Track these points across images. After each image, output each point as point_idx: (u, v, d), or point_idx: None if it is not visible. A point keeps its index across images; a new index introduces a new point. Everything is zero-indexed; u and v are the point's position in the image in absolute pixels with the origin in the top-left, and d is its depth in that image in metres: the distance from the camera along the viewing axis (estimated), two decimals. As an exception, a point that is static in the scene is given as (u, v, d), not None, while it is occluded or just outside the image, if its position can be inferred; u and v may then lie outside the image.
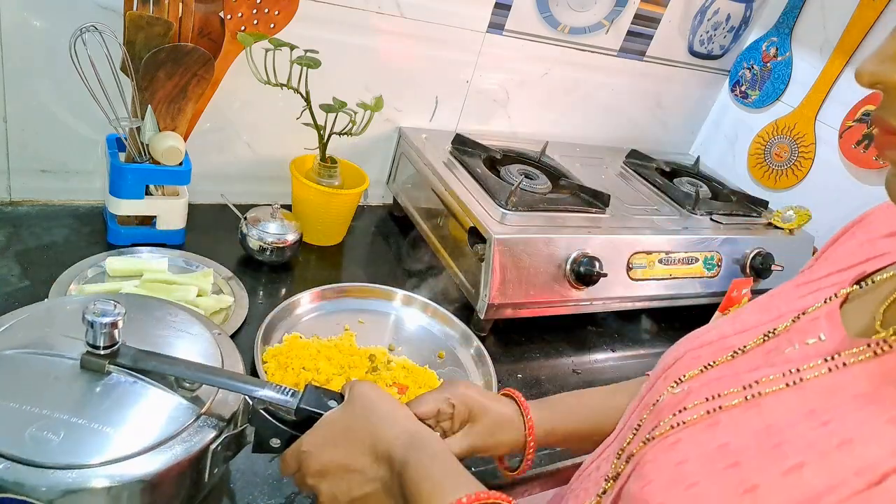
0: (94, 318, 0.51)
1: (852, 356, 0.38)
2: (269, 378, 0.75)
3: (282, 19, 0.92)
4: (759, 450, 0.37)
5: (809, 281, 0.50)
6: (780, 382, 0.40)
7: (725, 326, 0.50)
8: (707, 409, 0.42)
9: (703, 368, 0.47)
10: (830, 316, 0.43)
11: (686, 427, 0.42)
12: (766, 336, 0.46)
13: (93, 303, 0.52)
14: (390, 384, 0.78)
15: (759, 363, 0.44)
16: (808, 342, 0.42)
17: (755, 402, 0.41)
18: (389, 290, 0.97)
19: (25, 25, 0.84)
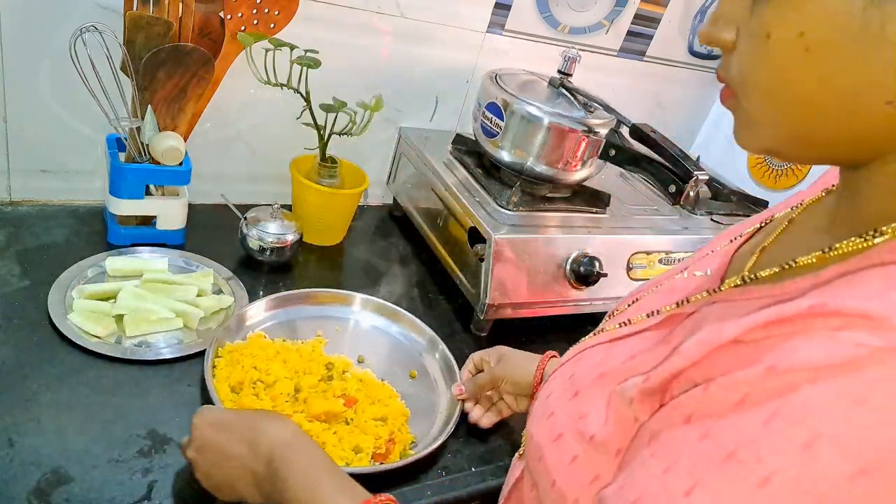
0: None
1: (694, 298, 0.45)
2: (215, 374, 0.75)
3: (282, 19, 0.92)
4: (590, 379, 0.46)
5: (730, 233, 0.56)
6: (643, 316, 0.49)
7: (660, 277, 0.58)
8: (583, 346, 0.53)
9: (629, 304, 0.55)
10: (724, 254, 0.49)
11: (562, 366, 0.52)
12: (684, 269, 0.53)
13: None
14: (338, 395, 0.76)
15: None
16: (696, 274, 0.50)
17: (616, 333, 0.50)
18: (356, 296, 0.94)
19: (25, 25, 0.84)
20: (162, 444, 0.67)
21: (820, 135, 0.35)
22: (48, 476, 0.61)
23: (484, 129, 1.05)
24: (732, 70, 0.37)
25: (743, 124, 0.39)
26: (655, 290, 0.53)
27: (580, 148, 1.00)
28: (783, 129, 0.36)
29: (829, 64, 0.32)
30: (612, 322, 0.53)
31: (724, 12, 0.37)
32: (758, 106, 0.36)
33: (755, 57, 0.35)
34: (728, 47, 0.37)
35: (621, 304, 0.58)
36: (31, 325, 0.76)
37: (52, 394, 0.69)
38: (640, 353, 0.44)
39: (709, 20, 0.38)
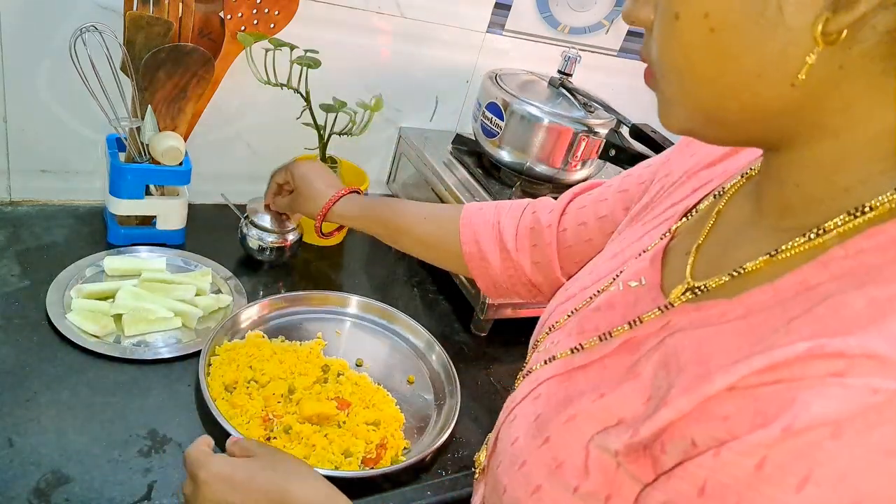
0: None
1: (647, 316, 0.42)
2: (210, 373, 0.75)
3: (282, 19, 0.92)
4: (559, 422, 0.42)
5: (651, 218, 0.54)
6: (596, 341, 0.45)
7: (585, 277, 0.55)
8: (537, 379, 0.48)
9: (568, 315, 0.52)
10: (654, 258, 0.47)
11: (519, 402, 0.48)
12: (613, 279, 0.50)
13: None
14: (332, 398, 0.76)
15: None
16: (631, 284, 0.47)
17: (571, 361, 0.46)
18: (354, 299, 0.94)
19: (25, 25, 0.84)
20: (161, 444, 0.67)
21: (730, 115, 0.35)
22: (48, 476, 0.61)
23: (484, 129, 1.05)
24: (652, 50, 0.37)
25: (661, 104, 0.39)
26: (589, 304, 0.50)
27: (580, 148, 1.00)
28: (695, 108, 0.36)
29: (732, 44, 0.32)
30: (556, 345, 0.50)
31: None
32: (671, 86, 0.37)
33: (667, 37, 0.35)
34: (647, 25, 0.37)
35: (550, 320, 0.55)
36: (31, 325, 0.76)
37: (52, 394, 0.69)
38: (607, 389, 0.40)
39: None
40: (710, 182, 0.50)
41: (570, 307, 0.53)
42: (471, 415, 0.83)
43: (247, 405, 0.72)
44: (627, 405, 0.38)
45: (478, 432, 0.81)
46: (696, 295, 0.40)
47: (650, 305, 0.43)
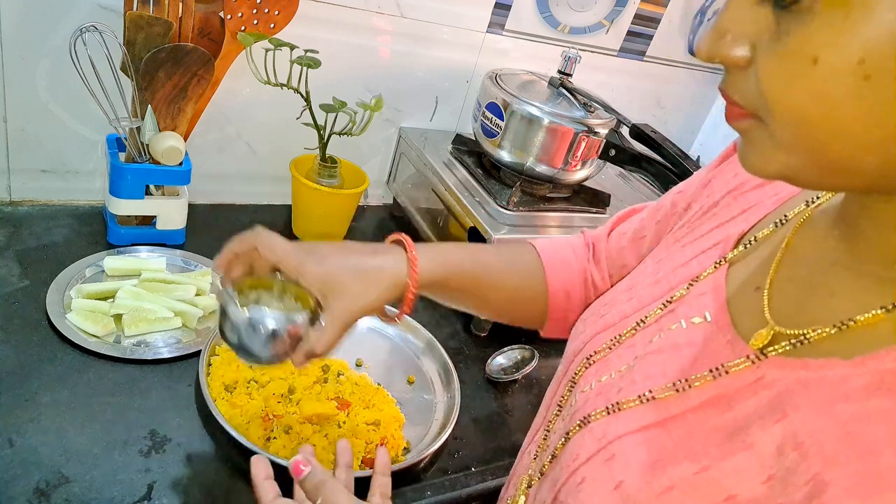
0: None
1: (734, 365, 0.38)
2: (210, 373, 0.75)
3: (282, 19, 0.92)
4: (651, 494, 0.37)
5: (694, 239, 0.50)
6: (670, 390, 0.40)
7: (624, 304, 0.51)
8: (605, 434, 0.42)
9: (609, 346, 0.48)
10: (717, 290, 0.43)
11: (586, 462, 0.42)
12: (663, 307, 0.46)
13: None
14: (332, 398, 0.76)
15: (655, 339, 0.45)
16: (694, 321, 0.43)
17: (644, 414, 0.41)
18: None
19: (25, 25, 0.84)
20: (162, 444, 0.67)
21: (856, 165, 0.31)
22: (48, 476, 0.61)
23: (484, 129, 1.05)
24: (750, 90, 0.32)
25: (758, 148, 0.34)
26: (651, 346, 0.45)
27: (580, 148, 1.00)
28: (814, 157, 0.32)
29: (890, 94, 0.28)
30: (614, 389, 0.44)
31: (731, 26, 0.32)
32: (789, 133, 0.32)
33: (793, 80, 0.30)
34: (740, 65, 0.32)
35: (587, 349, 0.50)
36: (31, 324, 0.76)
37: (52, 394, 0.69)
38: (708, 458, 0.35)
39: (712, 34, 0.33)
40: (761, 205, 0.47)
41: (609, 336, 0.49)
42: (471, 415, 0.83)
43: (247, 405, 0.72)
44: (741, 482, 0.34)
45: (478, 432, 0.81)
46: (795, 347, 0.36)
47: (730, 352, 0.39)
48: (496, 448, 0.80)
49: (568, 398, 0.50)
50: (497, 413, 0.86)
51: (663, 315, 0.46)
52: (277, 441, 0.70)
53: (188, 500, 0.63)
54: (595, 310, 0.55)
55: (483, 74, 1.09)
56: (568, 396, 0.50)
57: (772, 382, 0.36)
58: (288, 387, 0.76)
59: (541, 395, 0.90)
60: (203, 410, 0.72)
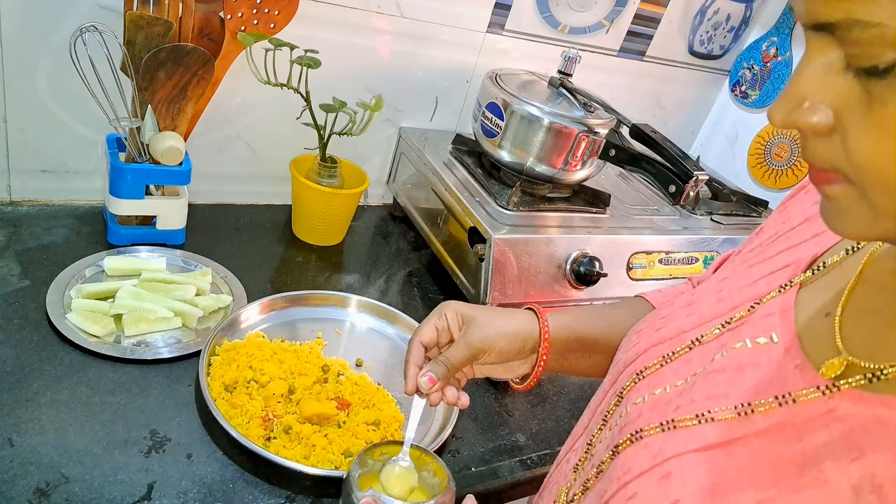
0: None
1: (802, 395, 0.36)
2: (210, 373, 0.75)
3: (282, 19, 0.92)
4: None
5: (762, 260, 0.49)
6: (731, 412, 0.39)
7: (683, 319, 0.50)
8: (660, 453, 0.41)
9: (661, 362, 0.47)
10: (785, 312, 0.42)
11: (638, 476, 0.41)
12: (722, 326, 0.45)
13: None
14: (332, 398, 0.76)
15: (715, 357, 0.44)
16: (759, 341, 0.42)
17: (703, 434, 0.40)
18: (354, 298, 0.93)
19: (25, 25, 0.84)
20: (161, 444, 0.67)
21: None
22: (48, 476, 0.61)
23: (484, 129, 1.05)
24: (839, 157, 0.31)
25: (857, 215, 0.32)
26: (713, 364, 0.44)
27: (580, 148, 1.00)
28: None
29: None
30: (670, 405, 0.43)
31: (808, 91, 0.31)
32: (887, 199, 0.30)
33: (893, 150, 0.29)
34: (822, 133, 0.31)
35: (640, 362, 0.49)
36: (31, 325, 0.76)
37: (52, 394, 0.69)
38: (775, 488, 0.34)
39: (787, 100, 0.31)
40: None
41: (664, 351, 0.47)
42: (471, 415, 0.83)
43: (247, 405, 0.72)
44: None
45: (478, 432, 0.81)
46: (870, 382, 0.34)
47: (799, 378, 0.38)
48: (496, 448, 0.80)
49: (615, 410, 0.49)
50: (497, 413, 0.86)
51: (724, 333, 0.45)
52: (277, 441, 0.70)
53: (188, 500, 0.63)
54: (651, 322, 0.53)
55: (483, 74, 1.09)
56: (615, 409, 0.49)
57: (845, 416, 0.34)
58: (288, 387, 0.76)
59: (541, 395, 0.91)
60: (203, 410, 0.72)
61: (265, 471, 0.67)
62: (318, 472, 0.66)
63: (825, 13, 0.29)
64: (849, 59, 0.29)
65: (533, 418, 0.86)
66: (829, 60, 0.30)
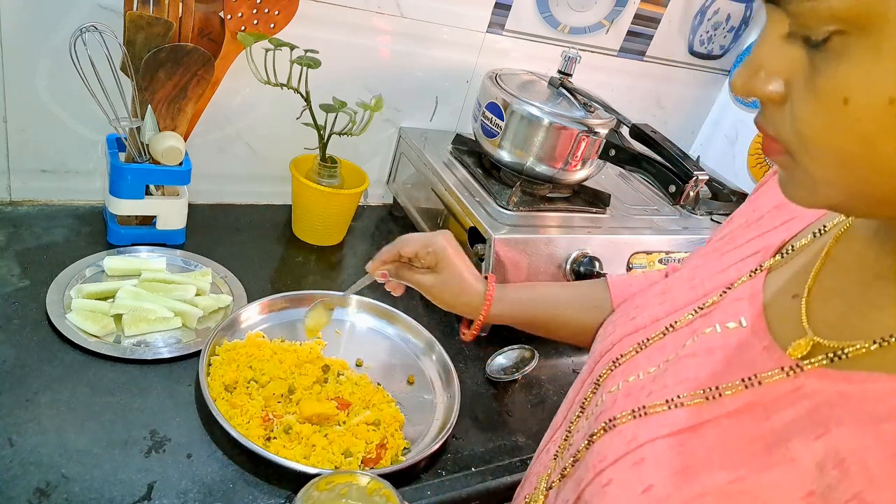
0: None
1: (767, 377, 0.37)
2: (210, 373, 0.75)
3: (282, 19, 0.92)
4: (680, 501, 0.36)
5: (733, 248, 0.50)
6: (700, 397, 0.40)
7: (656, 307, 0.51)
8: (633, 439, 0.41)
9: (636, 349, 0.48)
10: (753, 297, 0.43)
11: (613, 464, 0.42)
12: (694, 312, 0.46)
13: None
14: (332, 398, 0.76)
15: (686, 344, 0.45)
16: (729, 326, 0.43)
17: (674, 419, 0.40)
18: (354, 298, 0.93)
19: (25, 25, 0.84)
20: (161, 444, 0.67)
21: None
22: (48, 476, 0.61)
23: (484, 129, 1.05)
24: (785, 127, 0.33)
25: (799, 182, 0.35)
26: (684, 350, 0.45)
27: (580, 148, 1.00)
28: (853, 190, 0.32)
29: None
30: (642, 392, 0.44)
31: (765, 61, 0.33)
32: (826, 169, 0.32)
33: (826, 119, 0.31)
34: (775, 101, 0.33)
35: (615, 351, 0.50)
36: (31, 325, 0.76)
37: (52, 394, 0.69)
38: (744, 467, 0.35)
39: (746, 68, 0.33)
40: (802, 216, 0.47)
41: (639, 338, 0.49)
42: (471, 415, 0.83)
43: (247, 405, 0.72)
44: (779, 495, 0.33)
45: (478, 432, 0.81)
46: (832, 361, 0.35)
47: (767, 359, 0.39)
48: (496, 448, 0.80)
49: (591, 399, 0.50)
50: (497, 413, 0.86)
51: (696, 319, 0.46)
52: (277, 441, 0.70)
53: (188, 500, 0.63)
54: (625, 311, 0.55)
55: (483, 74, 1.09)
56: (591, 397, 0.50)
57: (811, 393, 0.35)
58: (288, 387, 0.76)
59: (541, 396, 0.91)
60: (203, 410, 0.72)
61: (265, 471, 0.67)
62: (318, 472, 0.66)
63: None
64: (792, 29, 0.31)
65: (533, 418, 0.86)
66: (781, 32, 0.32)
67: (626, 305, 0.56)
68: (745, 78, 0.33)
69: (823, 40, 0.30)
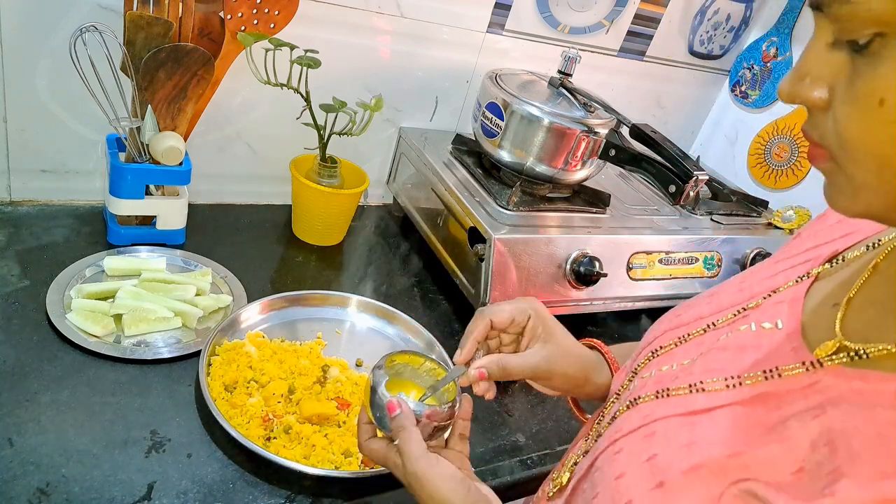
0: None
1: (788, 369, 0.38)
2: (210, 373, 0.75)
3: (282, 19, 0.92)
4: (680, 469, 0.38)
5: (788, 257, 0.51)
6: (721, 384, 0.41)
7: (703, 306, 0.52)
8: (651, 414, 0.43)
9: (675, 343, 0.49)
10: (794, 301, 0.44)
11: (627, 435, 0.43)
12: (736, 313, 0.47)
13: None
14: (332, 398, 0.76)
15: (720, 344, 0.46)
16: (765, 326, 0.44)
17: (692, 401, 0.42)
18: (354, 298, 0.93)
19: (25, 25, 0.84)
20: (161, 444, 0.67)
21: None
22: (48, 476, 0.61)
23: (484, 129, 1.05)
24: (829, 132, 0.33)
25: (841, 189, 0.35)
26: (717, 343, 0.46)
27: (580, 148, 1.00)
28: (894, 196, 0.33)
29: None
30: (670, 377, 0.45)
31: (810, 68, 0.34)
32: (868, 174, 0.33)
33: (863, 122, 0.31)
34: (819, 107, 0.34)
35: (656, 343, 0.51)
36: (31, 325, 0.76)
37: (52, 394, 0.69)
38: (744, 445, 0.37)
39: (793, 76, 0.34)
40: (860, 230, 0.48)
41: (680, 333, 0.50)
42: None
43: (247, 405, 0.72)
44: (770, 468, 0.35)
45: (477, 432, 0.81)
46: (852, 360, 0.36)
47: (790, 357, 0.39)
48: (496, 448, 0.80)
49: (627, 386, 0.51)
50: (497, 413, 0.86)
51: (737, 318, 0.47)
52: (277, 441, 0.70)
53: (188, 500, 0.63)
54: (675, 311, 0.55)
55: (483, 74, 1.09)
56: (628, 385, 0.51)
57: (825, 388, 0.36)
58: (288, 387, 0.76)
59: (541, 395, 0.90)
60: (203, 410, 0.72)
61: (265, 471, 0.67)
62: (318, 472, 0.66)
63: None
64: (836, 34, 0.32)
65: (533, 418, 0.86)
66: (827, 39, 0.33)
67: (677, 307, 0.56)
68: (791, 85, 0.34)
69: (866, 44, 0.30)
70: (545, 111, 0.99)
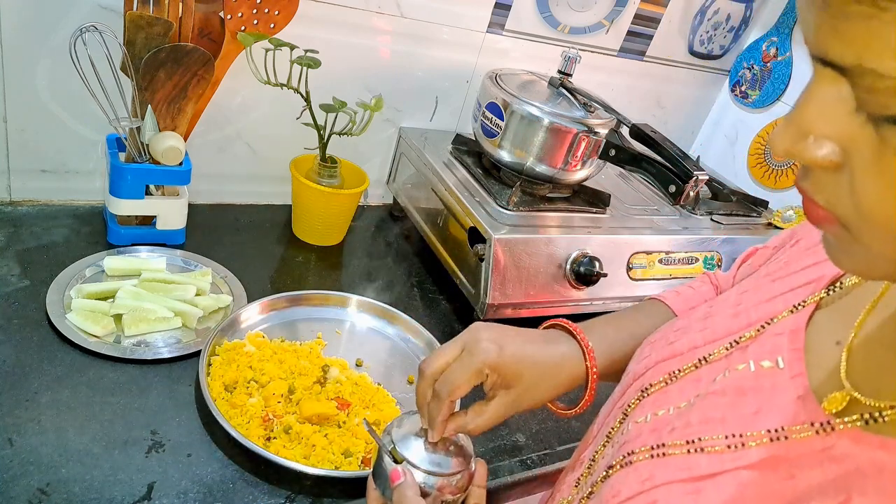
0: None
1: (795, 431, 0.35)
2: (210, 373, 0.75)
3: (282, 19, 0.92)
4: None
5: (787, 274, 0.48)
6: (722, 444, 0.38)
7: (696, 333, 0.48)
8: (650, 479, 0.40)
9: (667, 380, 0.46)
10: (794, 335, 0.40)
11: (626, 502, 0.40)
12: (730, 345, 0.44)
13: None
14: (332, 398, 0.76)
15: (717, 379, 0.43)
16: (764, 365, 0.40)
17: (694, 464, 0.39)
18: (354, 298, 0.94)
19: (25, 25, 0.84)
20: (161, 444, 0.67)
21: None
22: (48, 476, 0.61)
23: (484, 129, 1.05)
24: (842, 200, 0.29)
25: (853, 256, 0.31)
26: (714, 386, 0.42)
27: (580, 148, 1.00)
28: None
29: None
30: (665, 426, 0.42)
31: (813, 125, 0.28)
32: (888, 247, 0.29)
33: (884, 192, 0.27)
34: (827, 168, 0.29)
35: (648, 377, 0.48)
36: (31, 324, 0.76)
37: (52, 394, 0.69)
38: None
39: (792, 131, 0.29)
40: None
41: (672, 367, 0.46)
42: (471, 415, 0.83)
43: (247, 405, 0.72)
44: None
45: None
46: (867, 423, 0.33)
47: (800, 410, 0.36)
48: (496, 448, 0.80)
49: (619, 428, 0.48)
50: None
51: (733, 352, 0.44)
52: (277, 441, 0.70)
53: (188, 500, 0.63)
54: (665, 334, 0.52)
55: (483, 74, 1.09)
56: (619, 427, 0.48)
57: (842, 457, 0.33)
58: (288, 387, 0.76)
59: (541, 395, 0.90)
60: (203, 410, 0.72)
61: (265, 471, 0.67)
62: (318, 472, 0.67)
63: (836, 54, 0.26)
64: (860, 102, 0.27)
65: (533, 418, 0.86)
66: (839, 95, 0.27)
67: (667, 327, 0.53)
68: (790, 142, 0.29)
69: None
70: (545, 111, 0.99)
